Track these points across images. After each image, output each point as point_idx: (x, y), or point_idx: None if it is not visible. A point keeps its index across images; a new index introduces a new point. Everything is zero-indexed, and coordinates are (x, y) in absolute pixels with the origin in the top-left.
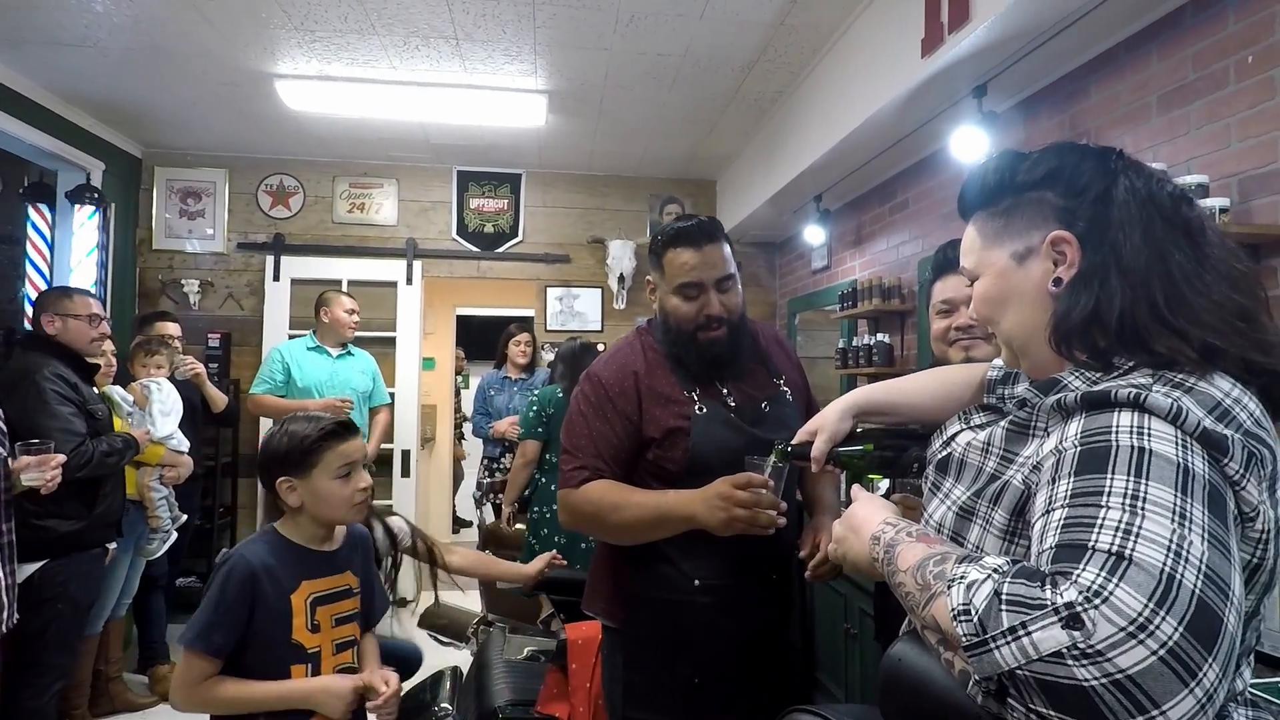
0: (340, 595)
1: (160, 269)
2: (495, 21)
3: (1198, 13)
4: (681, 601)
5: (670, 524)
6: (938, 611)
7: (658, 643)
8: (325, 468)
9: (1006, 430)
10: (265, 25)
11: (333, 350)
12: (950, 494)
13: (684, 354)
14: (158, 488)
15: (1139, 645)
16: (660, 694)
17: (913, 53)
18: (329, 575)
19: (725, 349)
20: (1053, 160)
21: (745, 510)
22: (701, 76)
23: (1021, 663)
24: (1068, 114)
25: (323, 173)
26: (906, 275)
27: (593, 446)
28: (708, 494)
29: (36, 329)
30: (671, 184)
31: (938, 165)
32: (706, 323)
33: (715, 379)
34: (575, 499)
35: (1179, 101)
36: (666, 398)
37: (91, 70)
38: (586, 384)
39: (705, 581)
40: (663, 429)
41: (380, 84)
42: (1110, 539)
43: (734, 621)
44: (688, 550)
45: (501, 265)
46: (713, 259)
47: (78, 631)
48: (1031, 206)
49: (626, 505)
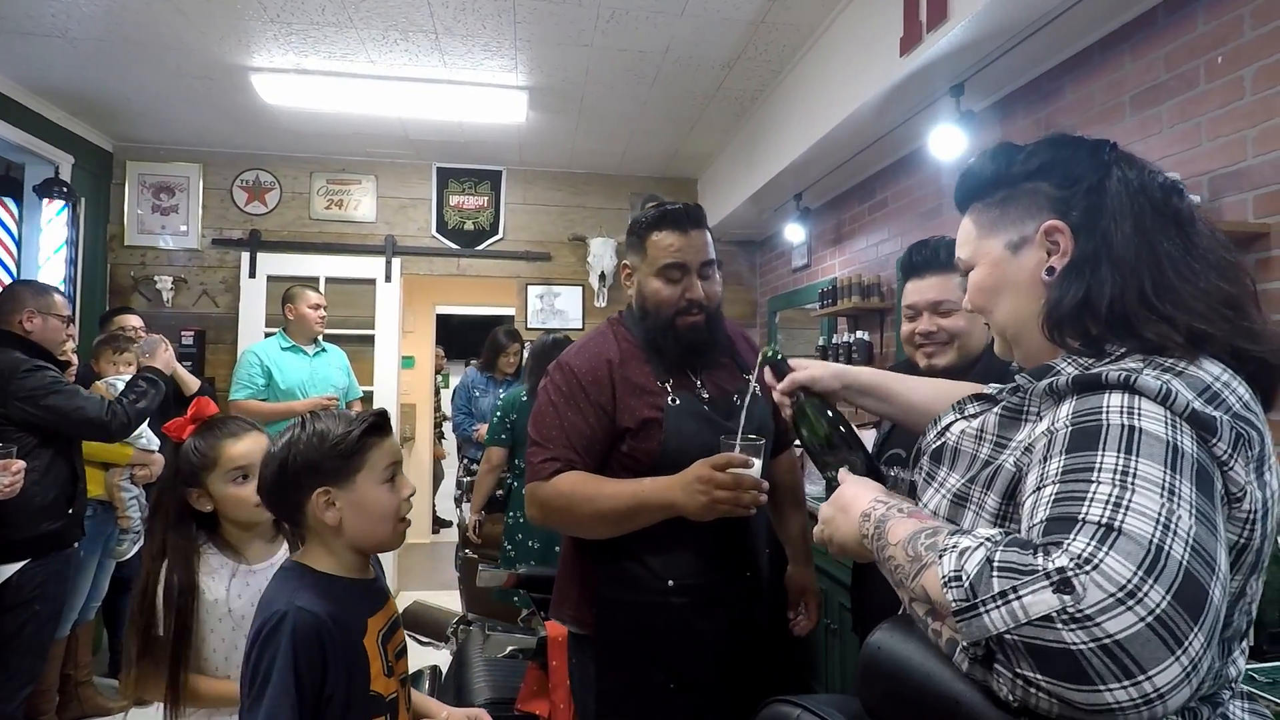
0: (394, 626)
1: (132, 265)
2: (475, 16)
3: (1169, 14)
4: (654, 603)
5: (647, 512)
6: (928, 581)
7: (630, 647)
8: (371, 471)
9: (999, 416)
10: (240, 16)
11: (308, 348)
12: (945, 483)
13: (661, 340)
14: (128, 487)
15: (1127, 611)
16: (634, 700)
17: (891, 51)
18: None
19: (704, 335)
20: (1048, 152)
21: (727, 491)
22: (682, 74)
23: (1010, 627)
24: (1043, 113)
25: (300, 168)
26: (886, 273)
27: (564, 437)
28: (686, 478)
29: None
30: (652, 182)
31: (916, 164)
32: (687, 307)
33: (689, 369)
34: (545, 492)
35: (1151, 101)
36: (640, 387)
37: (61, 61)
38: (557, 374)
39: (678, 581)
40: (637, 419)
41: (358, 78)
42: (1100, 511)
43: (709, 622)
44: (658, 548)
45: (482, 263)
46: (697, 243)
47: (50, 633)
48: (1026, 197)
49: (600, 496)
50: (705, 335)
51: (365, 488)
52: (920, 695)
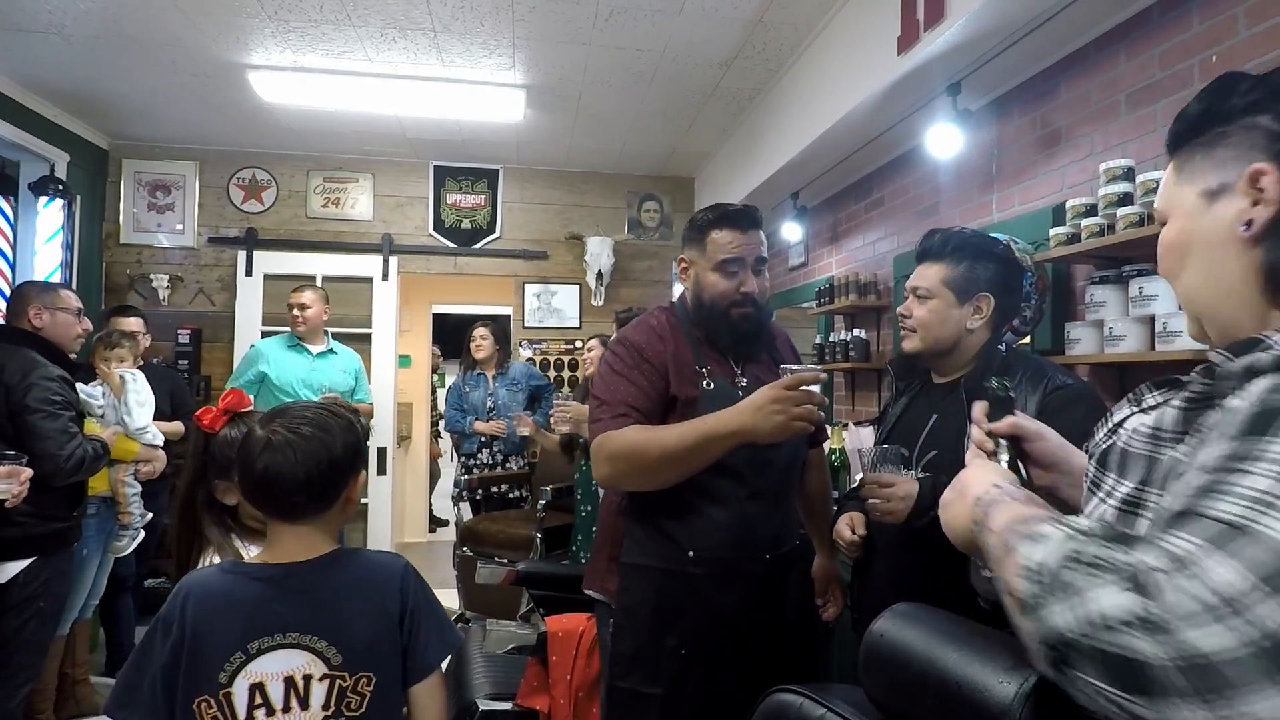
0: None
1: (128, 263)
2: (473, 14)
3: (1164, 13)
4: (673, 571)
5: (717, 443)
6: (1008, 570)
7: (647, 612)
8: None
9: (1180, 409)
10: (238, 14)
11: (313, 347)
12: (1113, 491)
13: (715, 328)
14: (132, 483)
15: (1221, 626)
16: (646, 663)
17: (889, 50)
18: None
19: (754, 326)
20: (1277, 79)
21: (802, 407)
22: (680, 73)
23: (1074, 626)
24: (1039, 112)
25: (296, 166)
26: (882, 271)
27: (628, 398)
28: (757, 402)
29: (17, 323)
30: (650, 180)
31: (913, 162)
32: (742, 299)
33: (732, 358)
34: (614, 441)
35: (1147, 99)
36: (684, 366)
37: (56, 59)
38: (619, 346)
39: (700, 553)
40: (684, 393)
41: (356, 76)
42: (1235, 507)
43: (726, 595)
44: (684, 520)
45: (479, 261)
46: (754, 241)
47: (52, 631)
48: (1240, 134)
49: (667, 436)
50: (755, 326)
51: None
52: (922, 682)
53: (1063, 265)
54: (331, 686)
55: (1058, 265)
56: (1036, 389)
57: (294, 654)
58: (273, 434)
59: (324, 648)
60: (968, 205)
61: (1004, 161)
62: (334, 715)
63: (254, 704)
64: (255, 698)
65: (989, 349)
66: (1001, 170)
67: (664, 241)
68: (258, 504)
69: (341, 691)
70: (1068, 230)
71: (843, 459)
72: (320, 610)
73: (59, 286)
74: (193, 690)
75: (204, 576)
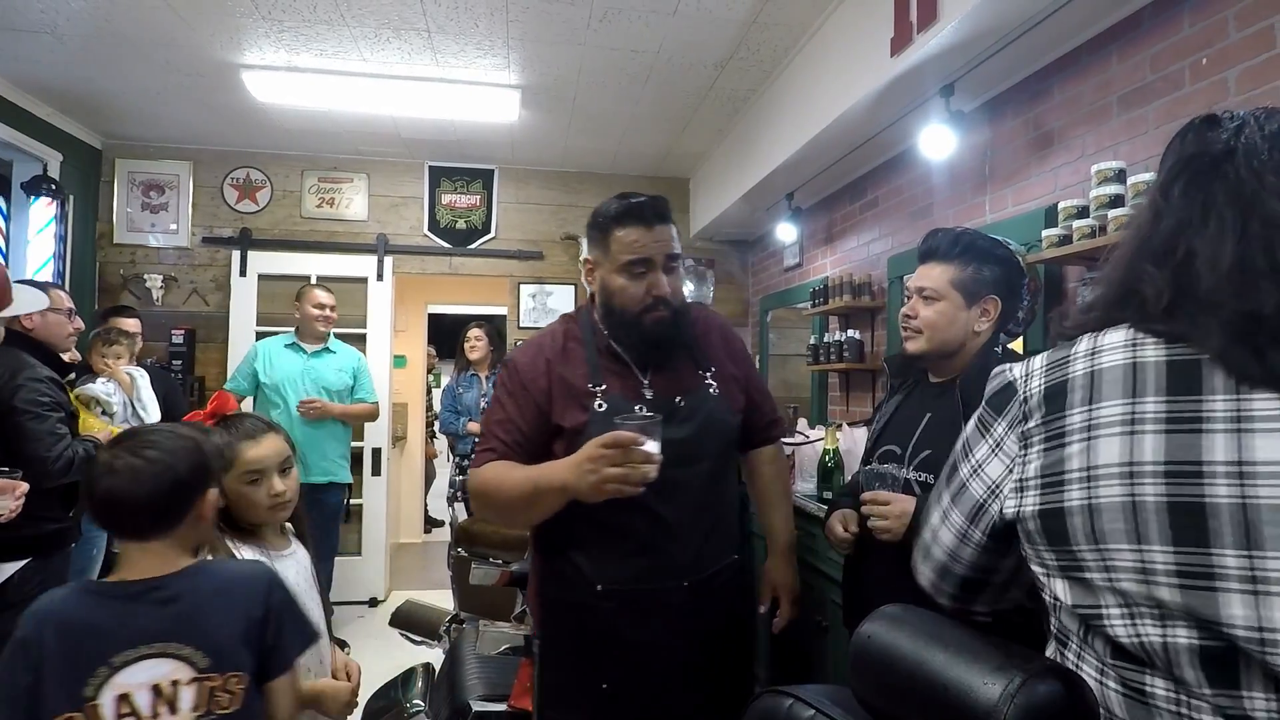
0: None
1: (122, 263)
2: (468, 14)
3: (1155, 15)
4: (586, 604)
5: (546, 498)
6: None
7: (568, 644)
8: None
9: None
10: (232, 13)
11: (309, 347)
12: None
13: (627, 337)
14: None
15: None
16: (571, 695)
17: (882, 52)
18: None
19: (670, 331)
20: None
21: (616, 469)
22: (675, 73)
23: None
24: (1032, 113)
25: (291, 166)
26: (877, 272)
27: (503, 430)
28: (578, 459)
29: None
30: (644, 181)
31: (906, 164)
32: (654, 303)
33: (640, 368)
34: (474, 478)
35: (1138, 101)
36: (573, 389)
37: (49, 58)
38: (503, 369)
39: (606, 586)
40: (570, 421)
41: (351, 76)
42: None
43: (639, 630)
44: (586, 550)
45: (474, 261)
46: (662, 237)
47: None
48: None
49: (508, 480)
50: (671, 331)
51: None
52: (909, 684)
53: (1055, 266)
54: (201, 689)
55: (1050, 266)
56: None
57: (160, 663)
58: (115, 458)
59: (190, 653)
60: (961, 206)
61: (997, 163)
62: (205, 715)
63: (121, 714)
64: (122, 708)
65: (987, 350)
66: (994, 171)
67: None
68: (103, 525)
69: (212, 692)
70: (1060, 231)
71: (836, 459)
72: (183, 619)
73: (51, 286)
74: (57, 708)
75: (62, 597)
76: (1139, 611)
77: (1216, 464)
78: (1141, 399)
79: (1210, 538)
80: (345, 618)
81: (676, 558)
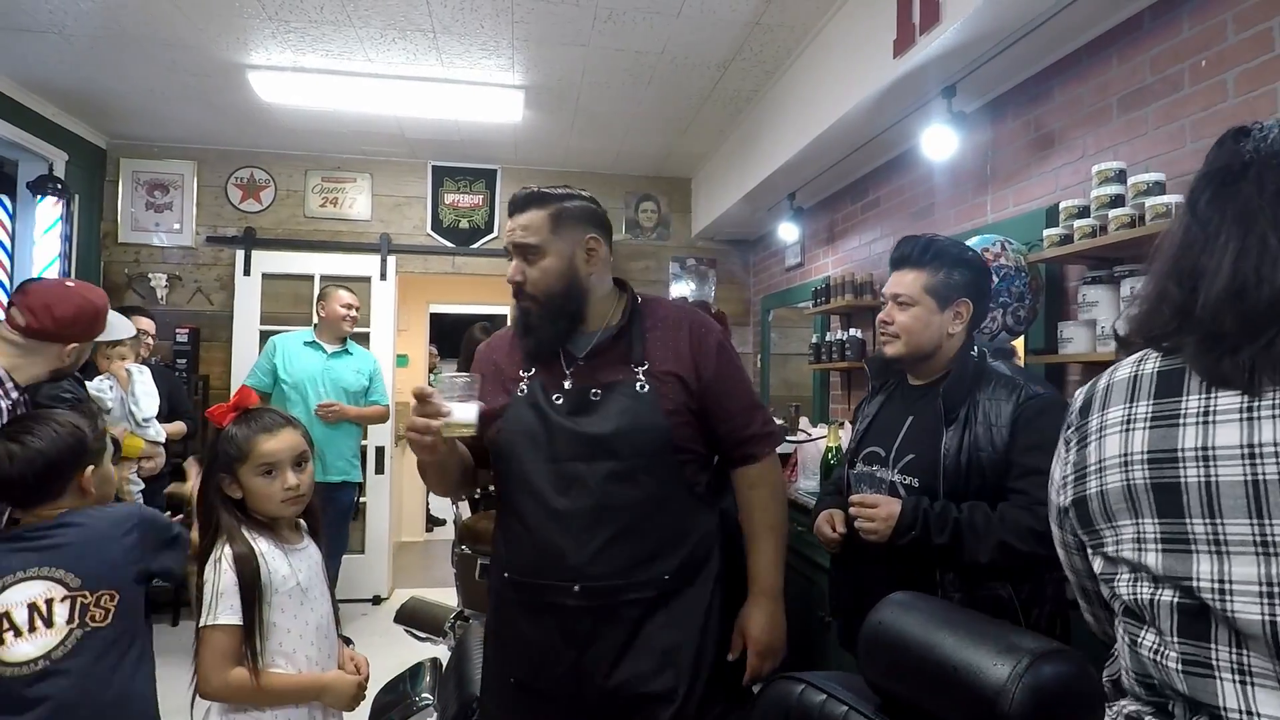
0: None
1: (126, 263)
2: (473, 15)
3: (1155, 18)
4: (499, 592)
5: (420, 459)
6: None
7: (489, 635)
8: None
9: None
10: (238, 14)
11: (328, 347)
12: None
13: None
14: (136, 480)
15: None
16: (491, 685)
17: (885, 53)
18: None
19: (533, 320)
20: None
21: (416, 420)
22: (678, 74)
23: None
24: (1033, 115)
25: (295, 166)
26: (878, 272)
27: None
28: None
29: None
30: (647, 181)
31: (908, 164)
32: (514, 291)
33: (561, 356)
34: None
35: (1138, 103)
36: (502, 373)
37: (55, 58)
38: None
39: (511, 576)
40: (493, 405)
41: (355, 77)
42: None
43: (533, 626)
44: (505, 536)
45: (476, 261)
46: (514, 225)
47: None
48: None
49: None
50: (535, 320)
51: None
52: (920, 666)
53: (1056, 266)
54: (74, 605)
55: (1051, 266)
56: (1010, 397)
57: (34, 584)
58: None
59: (63, 575)
60: (962, 206)
61: (998, 163)
62: (79, 626)
63: (3, 630)
64: (3, 624)
65: (964, 353)
66: (996, 172)
67: (661, 242)
68: None
69: (84, 607)
70: (1061, 231)
71: (839, 456)
72: (58, 549)
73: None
74: None
75: None
76: (1140, 576)
77: (1188, 450)
78: (1136, 403)
79: (1184, 510)
80: (349, 615)
81: (569, 558)
